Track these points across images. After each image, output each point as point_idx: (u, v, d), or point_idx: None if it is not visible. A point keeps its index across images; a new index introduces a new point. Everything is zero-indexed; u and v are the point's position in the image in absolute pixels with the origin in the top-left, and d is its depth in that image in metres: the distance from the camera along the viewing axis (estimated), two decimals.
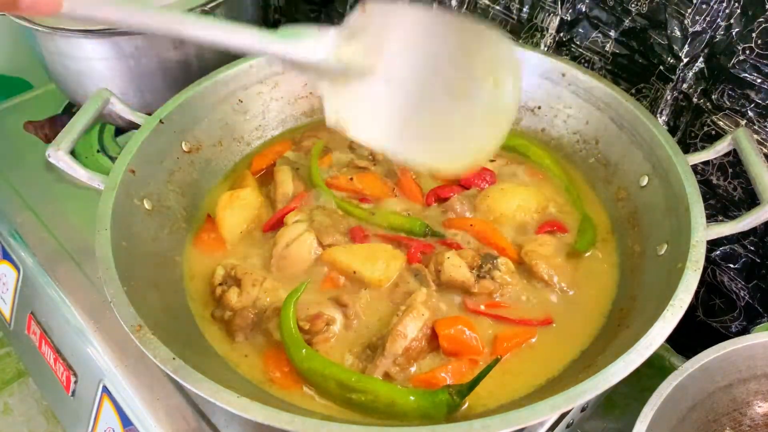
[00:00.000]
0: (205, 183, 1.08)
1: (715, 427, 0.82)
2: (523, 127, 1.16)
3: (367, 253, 0.91)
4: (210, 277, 0.92)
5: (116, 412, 0.97)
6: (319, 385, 0.77)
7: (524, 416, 0.64)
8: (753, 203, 0.96)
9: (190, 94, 1.06)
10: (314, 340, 0.83)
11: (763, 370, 0.81)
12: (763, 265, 1.01)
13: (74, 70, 1.19)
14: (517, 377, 0.80)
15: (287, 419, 0.64)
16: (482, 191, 1.01)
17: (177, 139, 1.04)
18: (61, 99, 1.49)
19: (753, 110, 0.96)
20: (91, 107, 0.97)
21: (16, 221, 1.24)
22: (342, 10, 1.51)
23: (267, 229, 0.98)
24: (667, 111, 1.07)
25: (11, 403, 1.71)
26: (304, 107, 1.21)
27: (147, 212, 0.94)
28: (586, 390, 0.65)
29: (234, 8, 1.22)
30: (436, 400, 0.73)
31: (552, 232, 0.97)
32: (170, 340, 0.72)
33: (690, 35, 1.01)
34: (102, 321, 1.05)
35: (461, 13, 1.30)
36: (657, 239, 0.87)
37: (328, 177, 1.04)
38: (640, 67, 1.09)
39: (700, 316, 1.09)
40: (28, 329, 1.20)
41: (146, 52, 1.16)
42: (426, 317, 0.82)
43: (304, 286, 0.83)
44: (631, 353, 0.68)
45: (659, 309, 0.72)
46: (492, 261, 0.89)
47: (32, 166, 1.35)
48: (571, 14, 1.14)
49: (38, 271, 1.15)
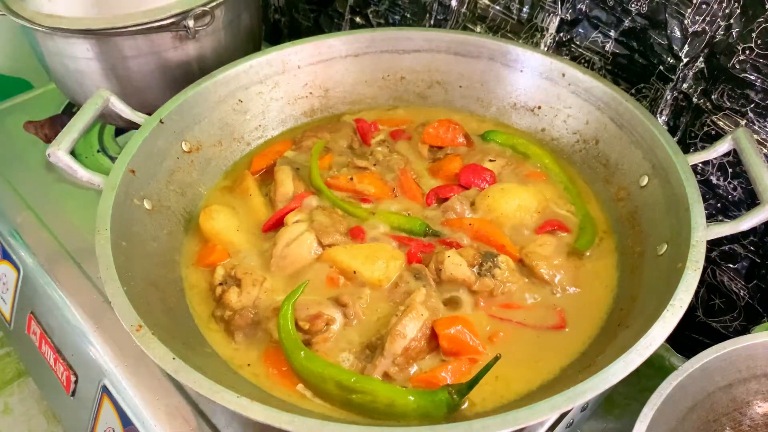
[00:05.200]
0: (205, 183, 1.08)
1: (715, 427, 0.82)
2: (523, 127, 1.16)
3: (367, 253, 0.91)
4: (210, 276, 0.92)
5: (116, 412, 0.97)
6: (318, 386, 0.77)
7: (524, 416, 0.64)
8: (753, 203, 0.96)
9: (190, 94, 1.06)
10: (314, 340, 0.83)
11: (763, 370, 0.81)
12: (763, 265, 1.01)
13: (74, 70, 1.19)
14: (515, 373, 0.80)
15: (287, 419, 0.64)
16: (482, 191, 1.01)
17: (177, 139, 1.04)
18: (61, 99, 1.49)
19: (753, 110, 0.96)
20: (91, 107, 0.97)
21: (16, 221, 1.24)
22: (342, 10, 1.51)
23: (267, 229, 0.98)
24: (667, 111, 1.08)
25: (11, 403, 1.72)
26: (304, 107, 1.21)
27: (147, 212, 0.94)
28: (586, 390, 0.65)
29: (234, 8, 1.22)
30: (436, 400, 0.73)
31: (553, 231, 0.97)
32: (170, 340, 0.72)
33: (690, 35, 1.01)
34: (102, 321, 1.05)
35: (461, 13, 1.30)
36: (657, 239, 0.87)
37: (328, 177, 1.04)
38: (640, 67, 1.09)
39: (700, 316, 1.09)
40: (28, 329, 1.20)
41: (146, 52, 1.16)
42: (425, 317, 0.82)
43: (303, 287, 0.83)
44: (631, 353, 0.68)
45: (659, 309, 0.72)
46: (492, 259, 0.89)
47: (32, 166, 1.36)
48: (571, 14, 1.15)
49: (38, 271, 1.16)
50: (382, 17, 1.45)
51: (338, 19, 1.54)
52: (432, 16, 1.36)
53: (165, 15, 1.11)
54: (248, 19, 1.28)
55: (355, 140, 1.14)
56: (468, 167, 1.05)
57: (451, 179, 1.06)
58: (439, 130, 1.12)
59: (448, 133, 1.12)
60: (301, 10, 1.65)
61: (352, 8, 1.49)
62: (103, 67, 1.17)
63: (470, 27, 1.30)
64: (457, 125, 1.12)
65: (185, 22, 1.12)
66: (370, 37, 1.19)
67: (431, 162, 1.11)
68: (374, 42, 1.19)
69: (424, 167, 1.10)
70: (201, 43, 1.19)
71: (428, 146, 1.12)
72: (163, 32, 1.14)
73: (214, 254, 0.95)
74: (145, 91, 1.21)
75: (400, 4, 1.41)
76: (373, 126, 1.17)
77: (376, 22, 1.46)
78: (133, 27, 1.11)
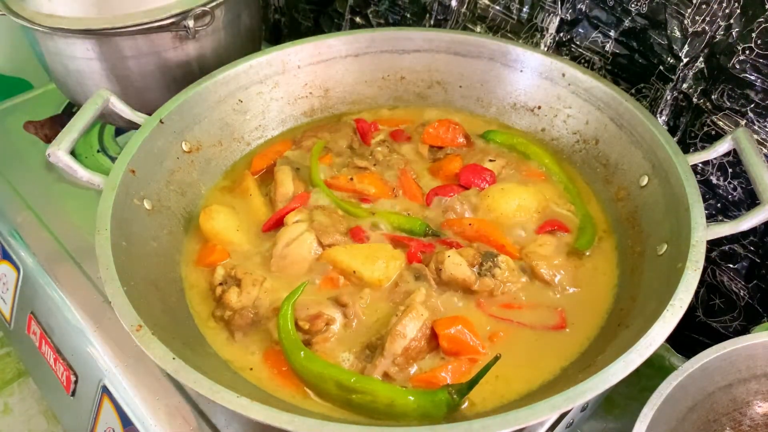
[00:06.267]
0: (205, 183, 1.08)
1: (715, 427, 0.82)
2: (523, 127, 1.16)
3: (367, 253, 0.91)
4: (210, 276, 0.92)
5: (116, 412, 0.97)
6: (318, 386, 0.77)
7: (524, 416, 0.64)
8: (753, 203, 0.96)
9: (190, 94, 1.06)
10: (314, 340, 0.83)
11: (763, 370, 0.81)
12: (763, 265, 1.01)
13: (74, 70, 1.19)
14: (515, 373, 0.80)
15: (287, 419, 0.64)
16: (482, 191, 1.01)
17: (177, 139, 1.04)
18: (61, 99, 1.49)
19: (753, 110, 0.96)
20: (91, 107, 0.97)
21: (16, 221, 1.24)
22: (342, 10, 1.51)
23: (267, 229, 0.98)
24: (667, 111, 1.08)
25: (11, 403, 1.72)
26: (304, 107, 1.21)
27: (147, 212, 0.94)
28: (586, 390, 0.65)
29: (234, 8, 1.22)
30: (436, 400, 0.73)
31: (553, 231, 0.97)
32: (170, 340, 0.72)
33: (690, 35, 1.01)
34: (102, 321, 1.05)
35: (461, 13, 1.30)
36: (657, 239, 0.87)
37: (328, 177, 1.04)
38: (640, 67, 1.09)
39: (700, 316, 1.09)
40: (28, 329, 1.20)
41: (146, 52, 1.16)
42: (425, 317, 0.82)
43: (303, 287, 0.83)
44: (631, 353, 0.68)
45: (659, 309, 0.72)
46: (492, 259, 0.89)
47: (32, 166, 1.36)
48: (571, 14, 1.15)
49: (38, 271, 1.16)
50: (382, 17, 1.45)
51: (338, 19, 1.54)
52: (432, 16, 1.36)
53: (165, 15, 1.11)
54: (248, 19, 1.28)
55: (355, 140, 1.14)
56: (468, 167, 1.05)
57: (451, 179, 1.06)
58: (439, 130, 1.12)
59: (448, 133, 1.12)
60: (301, 10, 1.65)
61: (352, 8, 1.49)
62: (103, 67, 1.17)
63: (470, 27, 1.30)
64: (457, 125, 1.12)
65: (185, 22, 1.12)
66: (370, 37, 1.19)
67: (431, 162, 1.11)
68: (374, 42, 1.19)
69: (424, 167, 1.10)
70: (201, 43, 1.19)
71: (428, 146, 1.12)
72: (163, 32, 1.14)
73: (214, 254, 0.95)
74: (145, 91, 1.21)
75: (400, 4, 1.41)
76: (373, 126, 1.17)
77: (376, 22, 1.46)
78: (133, 27, 1.11)
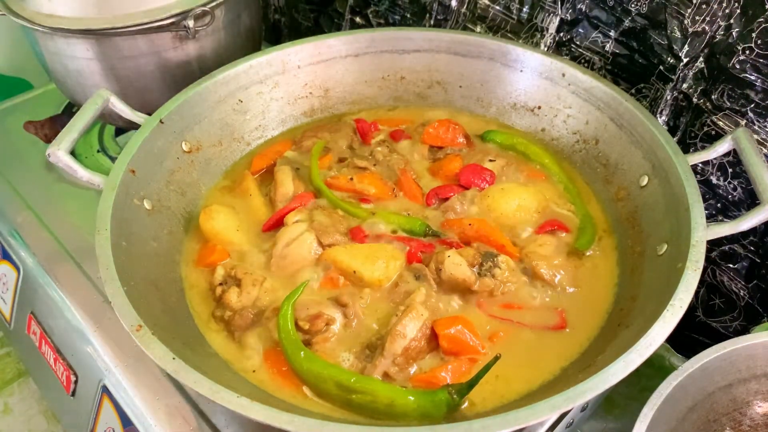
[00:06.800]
0: (205, 183, 1.08)
1: (715, 427, 0.82)
2: (523, 127, 1.16)
3: (367, 253, 0.91)
4: (210, 276, 0.92)
5: (116, 412, 0.97)
6: (318, 386, 0.77)
7: (524, 416, 0.64)
8: (753, 203, 0.96)
9: (190, 94, 1.06)
10: (314, 340, 0.83)
11: (763, 370, 0.81)
12: (763, 265, 1.01)
13: (74, 70, 1.19)
14: (515, 373, 0.80)
15: (287, 419, 0.64)
16: (482, 191, 1.01)
17: (177, 139, 1.04)
18: (61, 99, 1.49)
19: (753, 110, 0.96)
20: (91, 107, 0.97)
21: (16, 221, 1.24)
22: (342, 10, 1.51)
23: (267, 229, 0.98)
24: (667, 111, 1.08)
25: (11, 403, 1.72)
26: (304, 107, 1.21)
27: (147, 212, 0.94)
28: (586, 390, 0.65)
29: (234, 8, 1.22)
30: (436, 400, 0.73)
31: (552, 231, 0.97)
32: (170, 340, 0.72)
33: (690, 35, 1.01)
34: (102, 321, 1.05)
35: (461, 13, 1.30)
36: (657, 239, 0.87)
37: (328, 177, 1.04)
38: (640, 67, 1.09)
39: (700, 316, 1.09)
40: (28, 329, 1.20)
41: (146, 52, 1.16)
42: (425, 317, 0.82)
43: (303, 287, 0.83)
44: (631, 353, 0.68)
45: (659, 309, 0.72)
46: (492, 259, 0.89)
47: (32, 166, 1.36)
48: (571, 14, 1.15)
49: (38, 271, 1.16)
50: (382, 17, 1.45)
51: (338, 19, 1.54)
52: (432, 16, 1.36)
53: (165, 15, 1.11)
54: (248, 19, 1.28)
55: (355, 140, 1.14)
56: (468, 167, 1.05)
57: (451, 179, 1.06)
58: (439, 130, 1.12)
59: (448, 133, 1.12)
60: (301, 10, 1.65)
61: (352, 8, 1.49)
62: (103, 67, 1.17)
63: (470, 27, 1.30)
64: (457, 125, 1.12)
65: (185, 22, 1.12)
66: (370, 37, 1.19)
67: (431, 162, 1.11)
68: (374, 42, 1.19)
69: (424, 167, 1.10)
70: (201, 43, 1.19)
71: (428, 146, 1.12)
72: (163, 32, 1.14)
73: (214, 254, 0.95)
74: (145, 91, 1.21)
75: (400, 4, 1.41)
76: (373, 126, 1.17)
77: (376, 22, 1.46)
78: (133, 27, 1.11)
